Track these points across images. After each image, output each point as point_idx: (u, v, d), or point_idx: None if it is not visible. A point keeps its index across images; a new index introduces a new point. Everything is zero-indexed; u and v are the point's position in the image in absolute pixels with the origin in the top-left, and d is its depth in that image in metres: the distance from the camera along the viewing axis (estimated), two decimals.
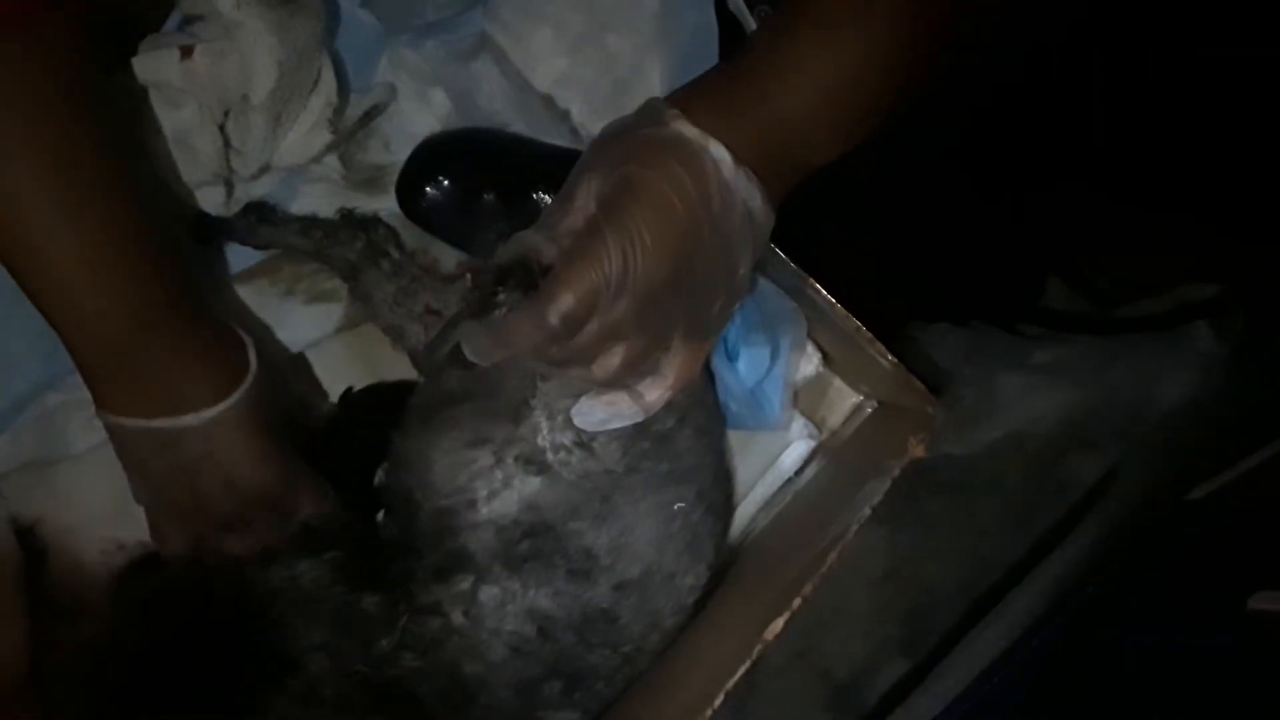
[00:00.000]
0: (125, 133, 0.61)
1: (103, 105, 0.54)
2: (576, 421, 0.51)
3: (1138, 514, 0.68)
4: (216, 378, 0.55)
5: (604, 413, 0.50)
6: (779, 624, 0.54)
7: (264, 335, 0.68)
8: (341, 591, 0.54)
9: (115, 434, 0.56)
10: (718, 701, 0.53)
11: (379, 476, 0.64)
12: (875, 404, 0.72)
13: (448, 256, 0.69)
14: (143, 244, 0.54)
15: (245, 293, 0.69)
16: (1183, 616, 0.61)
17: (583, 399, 0.51)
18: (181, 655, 0.54)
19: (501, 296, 0.48)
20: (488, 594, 0.58)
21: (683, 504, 0.61)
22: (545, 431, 0.59)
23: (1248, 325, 0.70)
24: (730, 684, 0.53)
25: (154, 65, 0.60)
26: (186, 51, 0.59)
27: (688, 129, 0.45)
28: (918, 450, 0.57)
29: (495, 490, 0.59)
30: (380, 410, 0.65)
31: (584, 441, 0.59)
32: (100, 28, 0.55)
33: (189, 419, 0.54)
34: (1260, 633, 0.53)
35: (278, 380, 0.62)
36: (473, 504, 0.59)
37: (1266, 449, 0.64)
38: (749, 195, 0.46)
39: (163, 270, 0.55)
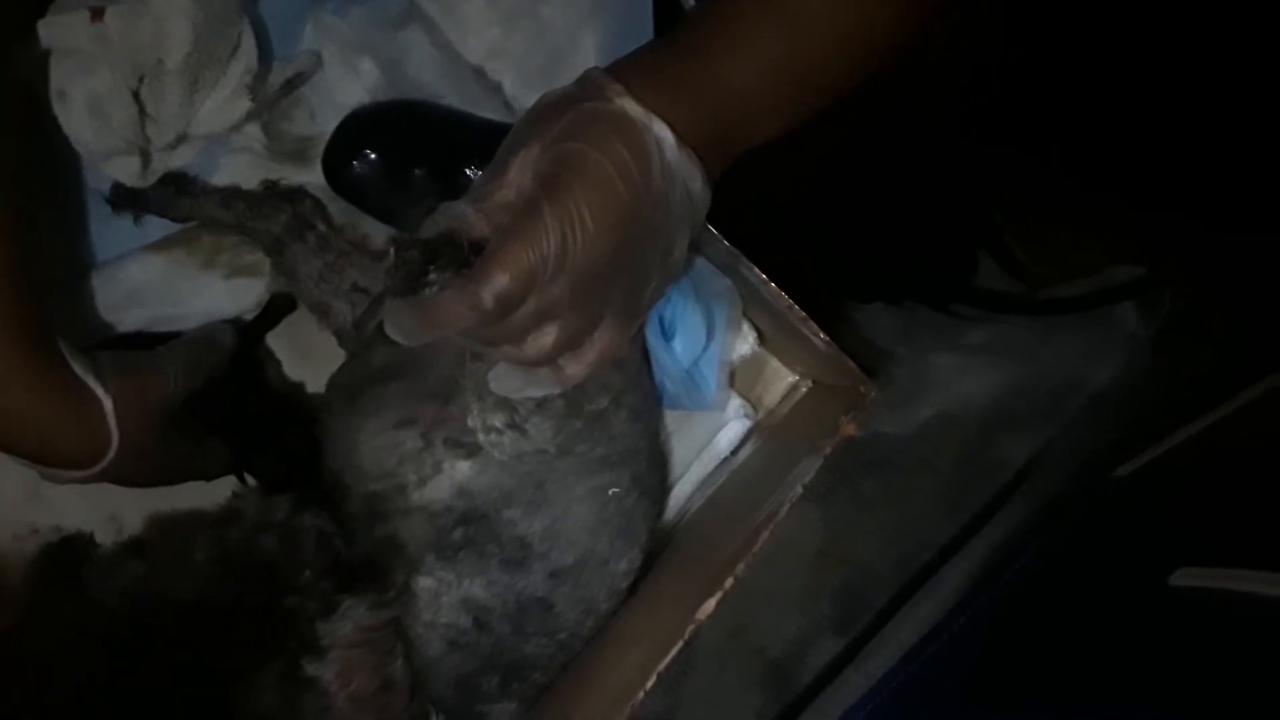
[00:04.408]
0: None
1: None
2: (493, 387, 0.50)
3: (1065, 492, 0.69)
4: (78, 446, 0.55)
5: (521, 380, 0.49)
6: (711, 604, 0.53)
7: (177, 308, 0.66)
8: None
9: None
10: (650, 682, 0.53)
11: None
12: (810, 383, 0.72)
13: (376, 232, 0.68)
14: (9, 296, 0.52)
15: (161, 262, 0.66)
16: (1108, 593, 0.62)
17: (500, 364, 0.49)
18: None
19: (433, 275, 0.47)
20: (422, 585, 0.57)
21: (617, 489, 0.61)
22: (476, 412, 0.58)
23: (1172, 307, 0.72)
24: (662, 665, 0.53)
25: (63, 29, 0.57)
26: (97, 14, 0.57)
27: (632, 106, 0.43)
28: (850, 429, 0.57)
29: (425, 476, 0.58)
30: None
31: (515, 422, 0.58)
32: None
33: (67, 474, 0.55)
34: (1182, 609, 0.53)
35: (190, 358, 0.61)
36: (403, 489, 0.58)
37: (1188, 428, 0.65)
38: (689, 176, 0.45)
39: (25, 323, 0.53)
